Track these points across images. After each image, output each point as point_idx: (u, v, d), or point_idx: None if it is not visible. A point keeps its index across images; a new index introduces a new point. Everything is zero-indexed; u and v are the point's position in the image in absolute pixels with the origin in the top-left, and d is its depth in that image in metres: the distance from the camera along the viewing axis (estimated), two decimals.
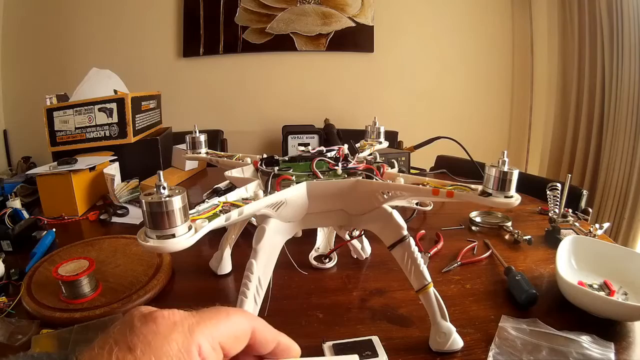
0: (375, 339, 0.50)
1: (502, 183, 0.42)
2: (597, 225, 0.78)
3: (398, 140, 1.93)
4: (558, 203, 0.84)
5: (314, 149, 0.60)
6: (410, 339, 0.52)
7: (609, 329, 0.52)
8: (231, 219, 0.39)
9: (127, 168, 1.17)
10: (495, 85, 2.40)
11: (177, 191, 0.34)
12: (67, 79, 1.89)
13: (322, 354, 0.48)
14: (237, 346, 0.22)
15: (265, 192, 0.46)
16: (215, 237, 0.66)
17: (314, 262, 0.73)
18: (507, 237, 0.85)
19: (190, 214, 0.36)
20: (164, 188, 0.34)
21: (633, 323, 0.54)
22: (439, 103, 2.37)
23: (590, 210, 0.95)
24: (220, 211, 0.39)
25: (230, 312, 0.23)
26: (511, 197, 0.42)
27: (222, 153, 0.71)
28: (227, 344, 0.22)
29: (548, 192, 0.84)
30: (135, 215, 1.01)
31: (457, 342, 0.49)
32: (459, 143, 1.14)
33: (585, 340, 0.49)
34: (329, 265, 0.72)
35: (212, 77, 2.25)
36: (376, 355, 0.47)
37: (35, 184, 1.01)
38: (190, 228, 0.35)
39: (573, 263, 0.67)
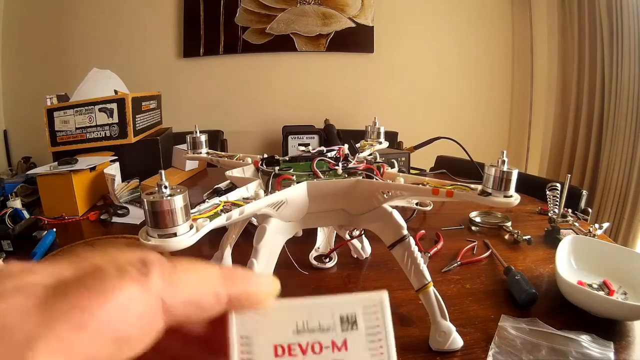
0: None
1: (502, 183, 0.42)
2: (596, 225, 0.79)
3: (398, 140, 1.93)
4: (558, 203, 0.84)
5: (314, 149, 0.60)
6: (410, 338, 0.53)
7: (608, 328, 0.52)
8: (232, 218, 0.39)
9: (127, 168, 1.18)
10: (495, 86, 2.40)
11: (178, 190, 0.34)
12: (67, 79, 1.89)
13: None
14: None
15: (266, 192, 0.47)
16: (215, 237, 0.66)
17: (314, 262, 0.73)
18: (506, 237, 0.85)
19: (192, 213, 0.36)
20: (165, 187, 0.34)
21: (632, 322, 0.54)
22: (439, 103, 2.37)
23: (590, 210, 0.95)
24: (221, 210, 0.39)
25: (117, 293, 0.12)
26: (511, 196, 0.42)
27: (223, 153, 0.72)
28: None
29: (548, 192, 0.85)
30: (135, 215, 1.01)
31: (456, 341, 0.49)
32: (458, 143, 1.14)
33: (584, 339, 0.49)
34: (329, 265, 0.73)
35: (212, 77, 2.25)
36: None
37: (36, 184, 1.01)
38: (191, 227, 0.35)
39: (572, 263, 0.67)
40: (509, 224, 0.88)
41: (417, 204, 0.97)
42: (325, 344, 0.16)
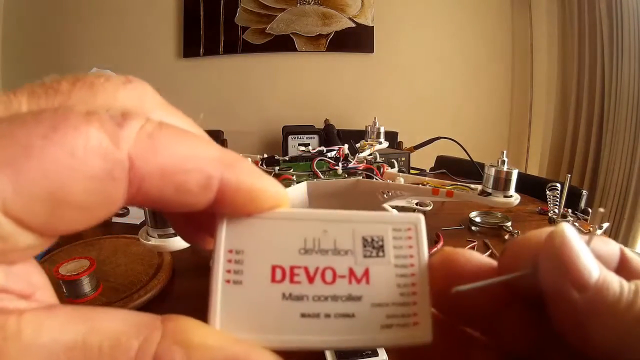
0: None
1: (502, 183, 0.42)
2: (596, 225, 0.79)
3: (398, 140, 1.93)
4: (558, 203, 0.84)
5: (314, 149, 0.60)
6: None
7: None
8: None
9: None
10: (495, 86, 2.40)
11: None
12: None
13: (322, 354, 0.48)
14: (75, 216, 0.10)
15: None
16: None
17: None
18: (506, 237, 0.85)
19: None
20: None
21: None
22: (439, 103, 2.37)
23: (590, 210, 0.95)
24: None
25: (71, 133, 0.09)
26: (510, 196, 0.42)
27: None
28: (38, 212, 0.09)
29: (547, 192, 0.85)
30: (135, 215, 1.01)
31: None
32: (458, 143, 1.14)
33: None
34: None
35: (212, 77, 2.26)
36: (376, 354, 0.47)
37: None
38: None
39: None
40: (509, 224, 0.88)
41: (417, 204, 0.97)
42: (340, 272, 0.12)
